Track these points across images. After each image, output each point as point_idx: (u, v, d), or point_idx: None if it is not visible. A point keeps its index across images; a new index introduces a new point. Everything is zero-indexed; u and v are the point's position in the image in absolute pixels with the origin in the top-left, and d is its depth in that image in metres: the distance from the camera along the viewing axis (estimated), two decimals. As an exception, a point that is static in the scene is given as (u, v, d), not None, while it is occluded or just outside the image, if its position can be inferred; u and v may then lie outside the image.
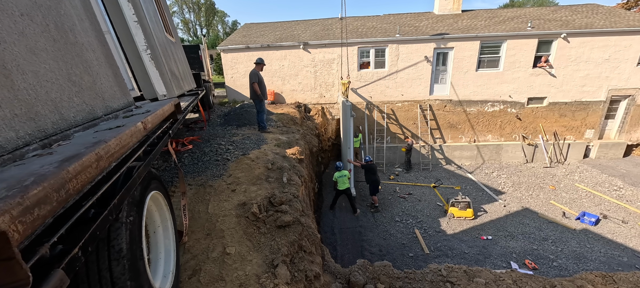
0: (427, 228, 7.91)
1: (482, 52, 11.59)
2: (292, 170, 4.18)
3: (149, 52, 4.38)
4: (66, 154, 0.96)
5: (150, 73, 4.48)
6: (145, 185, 1.68)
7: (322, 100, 12.89)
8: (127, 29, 4.24)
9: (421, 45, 11.58)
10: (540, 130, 12.44)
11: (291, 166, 4.52)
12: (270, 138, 6.39)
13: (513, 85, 11.90)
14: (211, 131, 7.26)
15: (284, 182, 3.72)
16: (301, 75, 12.58)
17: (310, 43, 12.00)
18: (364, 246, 7.14)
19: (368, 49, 11.93)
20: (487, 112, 12.37)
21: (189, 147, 5.62)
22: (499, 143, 12.59)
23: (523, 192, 9.98)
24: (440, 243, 7.26)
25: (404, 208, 9.01)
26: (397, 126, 12.73)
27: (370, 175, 8.69)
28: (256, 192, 3.39)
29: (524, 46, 11.36)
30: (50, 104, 1.37)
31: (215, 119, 8.98)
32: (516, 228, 7.89)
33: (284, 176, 3.84)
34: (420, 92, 12.25)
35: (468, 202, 8.26)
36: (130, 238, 1.28)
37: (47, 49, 1.49)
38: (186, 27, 45.48)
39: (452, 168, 12.41)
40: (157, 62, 4.49)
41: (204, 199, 3.33)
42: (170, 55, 5.60)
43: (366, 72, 12.15)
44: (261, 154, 4.91)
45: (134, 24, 4.27)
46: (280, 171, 4.02)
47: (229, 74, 12.93)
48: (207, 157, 4.93)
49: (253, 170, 4.10)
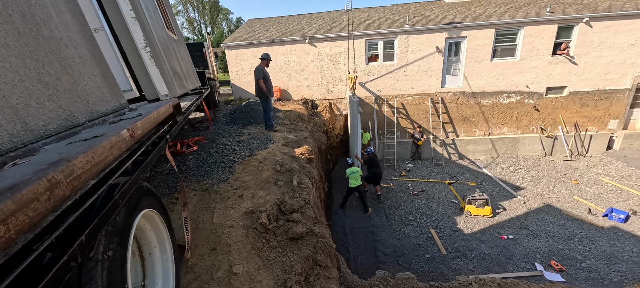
0: (443, 227, 7.55)
1: (497, 40, 11.01)
2: (302, 172, 3.90)
3: (149, 50, 4.13)
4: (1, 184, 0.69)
5: (151, 72, 4.24)
6: (132, 206, 1.41)
7: (330, 96, 12.54)
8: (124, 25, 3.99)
9: (432, 35, 11.07)
10: (559, 122, 11.82)
11: (301, 167, 4.24)
12: (277, 137, 6.12)
13: (531, 74, 11.30)
14: (217, 131, 7.04)
15: (294, 186, 3.44)
16: (307, 71, 12.24)
17: (316, 37, 11.62)
18: (378, 247, 6.85)
19: (376, 41, 11.48)
20: (503, 104, 11.80)
21: (194, 148, 5.40)
22: (516, 136, 12.03)
23: (543, 187, 9.48)
24: (458, 243, 6.90)
25: (417, 206, 8.66)
26: (407, 121, 12.30)
27: (371, 168, 8.43)
28: (265, 197, 3.13)
29: (542, 33, 10.73)
30: (8, 112, 1.11)
31: (221, 118, 8.76)
32: (538, 226, 7.45)
33: (293, 179, 3.56)
34: (431, 85, 11.77)
35: (486, 199, 7.85)
36: (108, 280, 1.02)
37: (8, 43, 1.22)
38: (191, 26, 45.50)
39: (465, 163, 11.94)
40: (158, 61, 4.24)
41: (209, 207, 3.08)
42: (172, 53, 5.36)
43: (374, 65, 11.72)
44: (269, 155, 4.64)
45: (131, 20, 4.01)
46: (290, 173, 3.74)
47: (233, 71, 12.69)
48: (213, 158, 4.69)
49: (261, 172, 3.83)
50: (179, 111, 2.80)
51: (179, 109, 2.79)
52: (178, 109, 2.78)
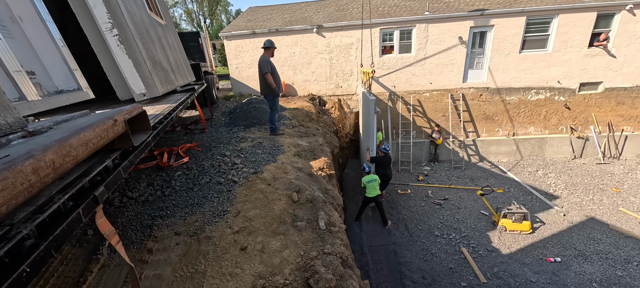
0: (476, 246, 6.55)
1: (527, 29, 9.85)
2: (327, 202, 2.87)
3: (117, 34, 3.03)
4: None
5: (120, 63, 3.14)
6: None
7: (339, 91, 11.43)
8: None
9: (455, 24, 9.91)
10: (592, 121, 10.74)
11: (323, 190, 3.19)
12: (286, 144, 5.05)
13: (563, 68, 10.17)
14: (214, 134, 5.98)
15: (321, 229, 2.41)
16: (315, 64, 11.11)
17: (324, 26, 10.46)
18: (403, 271, 5.85)
19: (392, 30, 10.33)
20: (531, 101, 10.71)
21: (185, 159, 4.34)
22: (543, 136, 10.96)
23: (581, 195, 8.46)
24: (497, 267, 5.91)
25: (442, 218, 7.65)
26: (423, 119, 11.22)
27: (381, 169, 7.36)
28: (280, 254, 2.10)
29: (579, 21, 9.57)
30: None
31: (219, 118, 7.69)
32: (586, 245, 6.45)
33: (320, 218, 2.52)
34: (451, 80, 10.65)
35: (524, 214, 6.83)
36: None
37: None
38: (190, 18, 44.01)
39: (487, 166, 10.91)
40: (130, 48, 3.14)
41: (197, 271, 2.04)
42: (155, 40, 4.25)
43: (389, 58, 10.58)
44: (279, 172, 3.59)
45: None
46: (312, 205, 2.71)
47: (233, 64, 11.55)
48: (207, 176, 3.64)
49: (271, 203, 2.79)
50: (144, 125, 1.73)
51: (144, 123, 1.71)
52: (142, 123, 1.70)
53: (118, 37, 3.02)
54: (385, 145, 7.49)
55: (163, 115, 2.86)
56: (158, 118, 2.70)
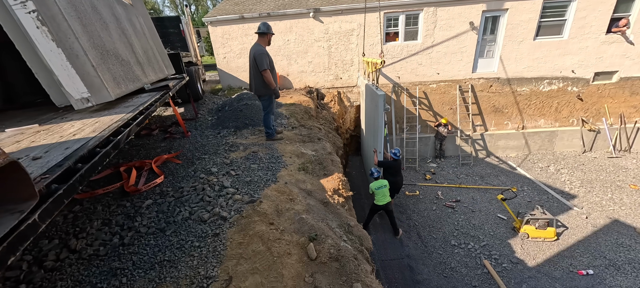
0: (498, 257, 5.90)
1: (543, 14, 9.06)
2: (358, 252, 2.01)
3: (34, 9, 2.01)
4: None
5: (44, 53, 2.12)
6: None
7: (338, 83, 10.47)
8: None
9: (466, 8, 9.01)
10: (604, 112, 10.21)
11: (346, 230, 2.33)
12: (287, 153, 4.14)
13: (578, 56, 9.50)
14: (198, 139, 4.98)
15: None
16: (311, 52, 10.06)
17: (322, 10, 9.38)
18: (422, 293, 5.15)
19: (397, 14, 9.35)
20: (542, 92, 10.05)
21: (159, 179, 3.36)
22: (553, 129, 10.39)
23: (599, 194, 7.93)
24: (525, 282, 5.27)
25: (456, 224, 6.98)
26: (429, 112, 10.44)
27: (390, 175, 6.54)
28: None
29: (598, 5, 8.82)
30: None
31: (205, 116, 6.66)
32: (616, 253, 5.90)
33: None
34: (460, 70, 9.84)
35: (550, 220, 6.20)
36: None
37: None
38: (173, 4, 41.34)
39: (495, 162, 10.30)
40: (59, 31, 2.12)
41: None
42: (110, 21, 3.18)
43: (393, 45, 9.65)
44: (283, 199, 2.71)
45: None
46: (340, 268, 1.82)
47: (220, 54, 10.37)
48: (186, 208, 2.71)
49: (278, 262, 1.91)
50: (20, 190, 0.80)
51: (19, 185, 0.78)
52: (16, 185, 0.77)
53: (36, 14, 2.00)
54: (396, 149, 6.64)
55: (102, 138, 1.87)
56: (87, 147, 1.71)
